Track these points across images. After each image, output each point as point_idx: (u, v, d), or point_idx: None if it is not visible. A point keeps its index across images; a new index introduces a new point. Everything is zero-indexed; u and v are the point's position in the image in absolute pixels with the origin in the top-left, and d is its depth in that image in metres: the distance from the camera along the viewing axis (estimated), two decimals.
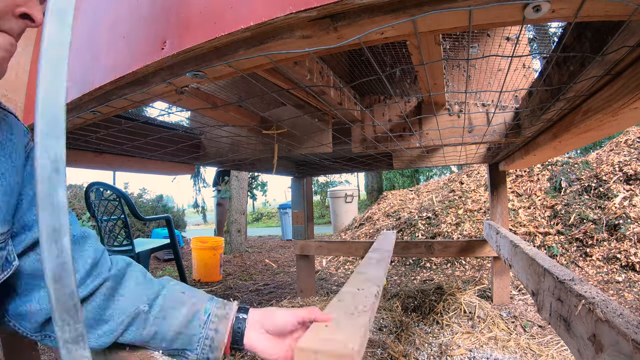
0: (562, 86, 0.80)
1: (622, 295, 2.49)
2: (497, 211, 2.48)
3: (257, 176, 10.78)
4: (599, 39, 0.60)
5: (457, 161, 2.42)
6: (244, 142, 1.96)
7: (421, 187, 5.89)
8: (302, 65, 0.95)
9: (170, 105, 1.28)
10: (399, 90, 1.63)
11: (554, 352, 1.73)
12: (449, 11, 0.46)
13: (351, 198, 7.78)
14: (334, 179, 13.91)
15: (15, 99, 1.05)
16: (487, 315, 2.05)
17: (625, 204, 3.12)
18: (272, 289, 3.43)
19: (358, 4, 0.48)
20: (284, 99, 1.34)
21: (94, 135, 1.38)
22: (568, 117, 1.02)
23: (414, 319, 2.03)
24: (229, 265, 4.60)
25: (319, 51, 0.60)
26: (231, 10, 0.57)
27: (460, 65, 1.54)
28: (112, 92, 0.82)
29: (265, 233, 8.87)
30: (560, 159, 4.06)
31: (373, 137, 1.67)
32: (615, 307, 0.61)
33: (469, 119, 1.54)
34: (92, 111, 0.88)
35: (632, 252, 2.81)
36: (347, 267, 4.13)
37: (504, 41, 1.42)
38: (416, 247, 2.63)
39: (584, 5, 0.44)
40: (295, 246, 2.95)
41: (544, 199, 3.63)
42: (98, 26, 0.84)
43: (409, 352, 1.66)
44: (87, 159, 1.62)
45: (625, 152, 3.68)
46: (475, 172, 4.81)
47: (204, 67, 0.66)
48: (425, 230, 4.07)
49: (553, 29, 1.89)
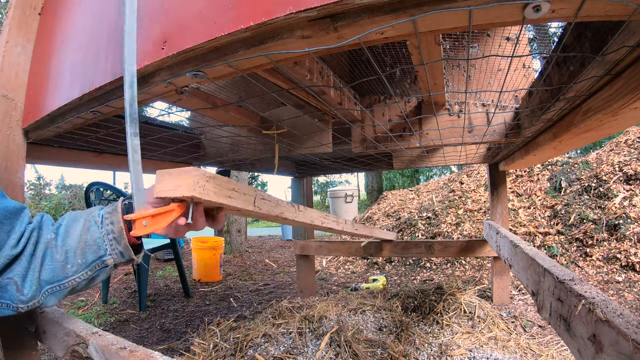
0: (562, 86, 0.80)
1: (622, 295, 2.49)
2: (497, 211, 2.48)
3: (257, 176, 10.79)
4: (599, 39, 0.60)
5: (457, 161, 2.42)
6: (244, 142, 1.96)
7: (421, 187, 5.89)
8: (302, 65, 0.95)
9: (170, 105, 1.28)
10: (399, 90, 1.63)
11: (554, 352, 1.73)
12: (449, 11, 0.46)
13: (351, 198, 7.79)
14: (334, 179, 13.92)
15: (15, 99, 1.05)
16: (487, 315, 2.05)
17: (625, 204, 3.12)
18: (272, 289, 3.43)
19: (358, 4, 0.48)
20: (284, 99, 1.34)
21: (94, 135, 1.38)
22: (568, 117, 1.01)
23: (414, 319, 2.03)
24: (229, 265, 4.60)
25: (319, 51, 0.60)
26: (231, 10, 0.57)
27: (460, 65, 1.54)
28: (112, 92, 0.82)
29: (265, 233, 8.86)
30: (560, 159, 4.06)
31: (373, 137, 1.67)
32: (615, 307, 0.61)
33: (469, 119, 1.54)
34: (92, 111, 0.88)
35: (632, 252, 2.81)
36: (347, 267, 4.13)
37: (504, 41, 1.42)
38: (416, 247, 2.63)
39: (584, 5, 0.44)
40: (295, 246, 2.95)
41: (544, 199, 3.63)
42: (98, 26, 0.84)
43: (409, 352, 1.66)
44: (87, 159, 1.62)
45: (625, 152, 3.68)
46: (475, 172, 4.81)
47: (204, 67, 0.66)
48: (425, 230, 4.08)
49: (553, 29, 1.89)
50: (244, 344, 1.68)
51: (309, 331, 1.77)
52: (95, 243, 0.69)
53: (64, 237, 0.70)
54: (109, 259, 0.70)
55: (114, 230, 0.69)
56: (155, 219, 0.63)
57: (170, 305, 2.96)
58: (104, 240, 0.69)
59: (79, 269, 0.69)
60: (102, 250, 0.69)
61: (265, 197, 0.81)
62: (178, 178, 0.58)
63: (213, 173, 0.62)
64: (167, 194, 0.59)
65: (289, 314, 1.99)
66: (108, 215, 0.70)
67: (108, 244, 0.69)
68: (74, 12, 0.96)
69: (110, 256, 0.70)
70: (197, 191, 0.57)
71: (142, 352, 0.74)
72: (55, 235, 0.70)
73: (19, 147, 1.06)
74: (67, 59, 0.93)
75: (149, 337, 2.31)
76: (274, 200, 0.85)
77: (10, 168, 1.03)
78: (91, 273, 0.70)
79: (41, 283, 0.68)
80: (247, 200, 0.72)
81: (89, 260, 0.69)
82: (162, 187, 0.60)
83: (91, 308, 2.91)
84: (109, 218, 0.70)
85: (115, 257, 0.70)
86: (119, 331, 2.42)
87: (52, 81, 0.98)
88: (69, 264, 0.69)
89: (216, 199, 0.61)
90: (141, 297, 2.82)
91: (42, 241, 0.69)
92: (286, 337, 1.73)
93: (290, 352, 1.61)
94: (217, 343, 1.75)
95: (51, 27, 1.04)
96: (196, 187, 0.57)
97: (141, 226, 0.64)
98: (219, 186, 0.63)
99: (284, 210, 0.90)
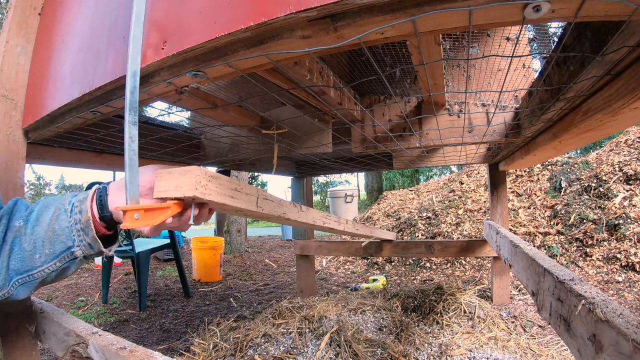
0: (562, 86, 0.80)
1: (622, 295, 2.49)
2: (497, 211, 2.48)
3: (257, 176, 10.79)
4: (599, 39, 0.60)
5: (457, 161, 2.42)
6: (244, 142, 1.96)
7: (421, 187, 5.89)
8: (302, 65, 0.95)
9: (170, 105, 1.28)
10: (399, 90, 1.63)
11: (554, 352, 1.73)
12: (449, 11, 0.46)
13: (351, 198, 7.78)
14: (334, 179, 13.91)
15: (15, 99, 1.05)
16: (487, 315, 2.05)
17: (625, 204, 3.12)
18: (272, 289, 3.43)
19: (358, 4, 0.48)
20: (284, 99, 1.34)
21: (94, 135, 1.38)
22: (568, 117, 1.02)
23: (414, 319, 2.03)
24: (229, 265, 4.60)
25: (319, 51, 0.60)
26: (231, 10, 0.57)
27: (460, 65, 1.54)
28: (112, 92, 0.82)
29: (265, 233, 8.87)
30: (560, 159, 4.06)
31: (373, 137, 1.67)
32: (615, 307, 0.61)
33: (469, 119, 1.54)
34: (92, 111, 0.88)
35: (632, 252, 2.81)
36: (347, 267, 4.13)
37: (504, 41, 1.42)
38: (416, 247, 2.63)
39: (584, 5, 0.44)
40: (295, 246, 2.96)
41: (544, 199, 3.63)
42: (98, 26, 0.84)
43: (409, 352, 1.66)
44: (87, 159, 1.62)
45: (625, 152, 3.68)
46: (475, 172, 4.81)
47: (204, 67, 0.66)
48: (425, 230, 4.07)
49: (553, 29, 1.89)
50: (244, 344, 1.68)
51: (309, 331, 1.77)
52: (63, 233, 0.65)
53: (34, 225, 0.66)
54: (77, 250, 0.66)
55: (82, 220, 0.65)
56: (148, 214, 0.60)
57: (170, 305, 2.96)
58: (71, 230, 0.65)
59: (47, 260, 0.66)
60: (70, 240, 0.65)
61: (268, 197, 0.80)
62: (180, 178, 0.57)
63: (215, 172, 0.61)
64: (168, 194, 0.58)
65: (289, 314, 1.99)
66: (78, 204, 0.66)
67: (76, 235, 0.65)
68: (74, 12, 0.96)
69: (78, 247, 0.65)
70: (200, 191, 0.56)
71: (142, 352, 0.74)
72: (25, 223, 0.66)
73: (19, 147, 1.06)
74: (67, 59, 0.93)
75: (149, 337, 2.31)
76: (276, 200, 0.85)
77: (10, 168, 1.03)
78: (60, 264, 0.66)
79: (10, 272, 0.65)
80: (249, 200, 0.71)
81: (57, 250, 0.65)
82: (163, 186, 0.59)
83: (91, 308, 2.91)
84: (79, 207, 0.65)
85: (83, 249, 0.66)
86: (119, 331, 2.42)
87: (52, 81, 0.98)
88: (37, 253, 0.65)
89: (218, 199, 0.61)
90: (141, 297, 2.82)
91: (11, 228, 0.65)
92: (286, 337, 1.73)
93: (290, 352, 1.61)
94: (217, 343, 1.75)
95: (51, 27, 1.04)
96: (198, 186, 0.56)
97: (132, 219, 0.60)
98: (221, 186, 0.62)
99: (287, 211, 0.90)
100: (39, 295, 3.30)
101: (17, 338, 1.03)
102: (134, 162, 0.62)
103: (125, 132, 0.62)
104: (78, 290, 3.45)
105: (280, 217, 0.86)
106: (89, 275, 4.11)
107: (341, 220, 1.43)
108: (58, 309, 1.04)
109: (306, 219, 1.02)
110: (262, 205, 0.76)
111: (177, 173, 0.58)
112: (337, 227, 1.36)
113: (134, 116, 0.63)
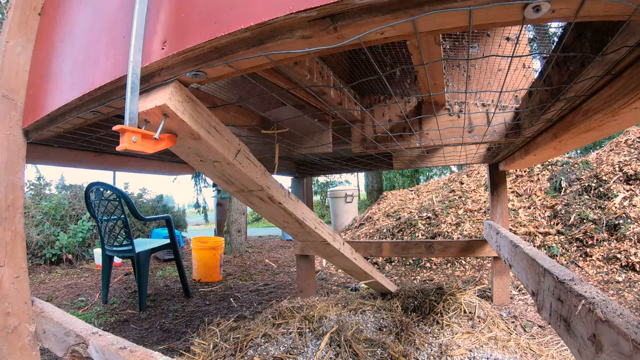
0: (562, 86, 0.80)
1: (622, 295, 2.49)
2: (497, 211, 2.48)
3: None
4: (599, 39, 0.60)
5: (457, 161, 2.42)
6: (244, 142, 1.95)
7: (421, 187, 5.89)
8: (302, 65, 0.95)
9: None
10: (399, 90, 1.63)
11: (554, 352, 1.73)
12: (449, 11, 0.46)
13: (351, 198, 7.78)
14: (334, 179, 13.90)
15: (15, 99, 1.05)
16: (487, 315, 2.05)
17: (625, 204, 3.12)
18: (272, 289, 3.43)
19: (358, 4, 0.48)
20: (284, 99, 1.34)
21: (94, 135, 1.38)
22: (568, 117, 1.01)
23: (414, 319, 2.03)
24: (229, 265, 4.60)
25: (319, 51, 0.60)
26: (231, 10, 0.57)
27: (460, 65, 1.54)
28: (112, 92, 0.82)
29: (265, 233, 8.86)
30: (560, 159, 4.06)
31: (373, 137, 1.67)
32: (615, 307, 0.61)
33: (469, 119, 1.54)
34: (92, 111, 0.88)
35: (632, 252, 2.81)
36: None
37: (504, 41, 1.42)
38: (416, 247, 2.63)
39: (584, 5, 0.44)
40: (296, 246, 2.95)
41: (544, 199, 3.63)
42: (98, 26, 0.84)
43: (409, 352, 1.66)
44: (87, 159, 1.62)
45: (625, 152, 3.68)
46: (475, 172, 4.81)
47: (204, 67, 0.66)
48: (425, 230, 4.07)
49: (553, 29, 1.89)
50: (244, 344, 1.68)
51: (309, 331, 1.77)
52: None
53: None
54: None
55: None
56: (145, 141, 0.61)
57: (170, 305, 2.96)
58: None
59: None
60: None
61: (252, 159, 0.77)
62: (158, 91, 0.58)
63: (197, 100, 0.61)
64: (147, 106, 0.59)
65: (289, 314, 1.99)
66: None
67: None
68: (74, 12, 0.96)
69: None
70: (172, 103, 0.56)
71: (142, 352, 0.74)
72: None
73: (19, 147, 1.06)
74: (67, 59, 0.93)
75: (149, 337, 2.31)
76: (260, 167, 0.81)
77: (10, 168, 1.03)
78: None
79: None
80: (228, 148, 0.67)
81: None
82: (145, 103, 0.59)
83: (91, 308, 2.91)
84: None
85: None
86: (119, 331, 2.42)
87: (52, 81, 0.98)
88: None
89: (192, 125, 0.59)
90: (141, 297, 2.82)
91: None
92: (286, 337, 1.73)
93: (290, 352, 1.61)
94: (217, 343, 1.75)
95: (51, 27, 1.04)
96: (172, 97, 0.56)
97: (130, 141, 0.60)
98: (200, 114, 0.60)
99: (270, 185, 0.85)
100: (39, 295, 3.30)
101: (17, 338, 1.03)
102: (135, 85, 0.63)
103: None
104: (78, 290, 3.45)
105: (262, 189, 0.81)
106: (89, 275, 4.11)
107: (337, 237, 1.38)
108: (58, 309, 1.04)
109: (294, 210, 0.99)
110: (242, 161, 0.73)
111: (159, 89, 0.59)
112: (332, 243, 1.32)
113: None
